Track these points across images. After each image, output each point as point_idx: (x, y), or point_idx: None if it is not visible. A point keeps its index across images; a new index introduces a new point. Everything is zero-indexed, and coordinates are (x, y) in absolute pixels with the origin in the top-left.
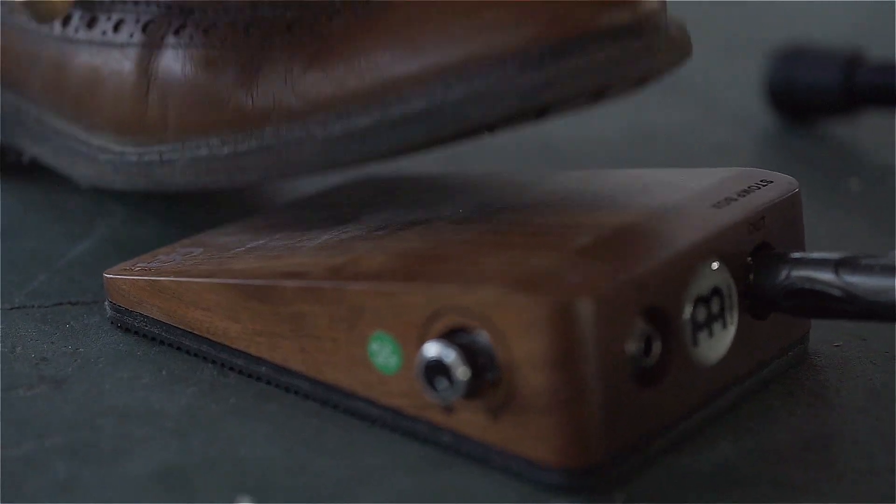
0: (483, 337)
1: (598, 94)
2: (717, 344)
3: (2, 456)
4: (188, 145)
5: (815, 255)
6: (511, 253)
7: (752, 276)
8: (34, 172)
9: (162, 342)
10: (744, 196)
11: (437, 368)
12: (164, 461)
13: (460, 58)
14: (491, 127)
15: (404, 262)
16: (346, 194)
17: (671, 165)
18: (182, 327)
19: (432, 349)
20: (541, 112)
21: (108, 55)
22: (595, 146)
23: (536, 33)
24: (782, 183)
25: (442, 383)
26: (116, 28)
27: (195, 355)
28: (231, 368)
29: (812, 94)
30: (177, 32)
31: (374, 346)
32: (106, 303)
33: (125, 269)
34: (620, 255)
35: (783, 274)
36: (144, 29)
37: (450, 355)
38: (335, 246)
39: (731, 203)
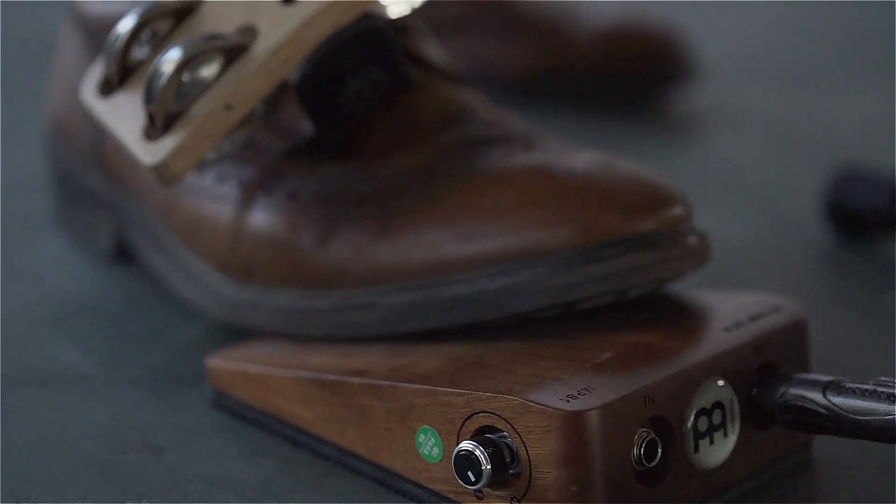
0: (508, 437)
1: (620, 294)
2: (718, 450)
3: None
4: (272, 293)
5: (809, 376)
6: (543, 364)
7: (754, 392)
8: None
9: (251, 421)
10: (753, 321)
11: (467, 461)
12: None
13: (502, 251)
14: (523, 317)
15: (452, 366)
16: None
17: (724, 272)
18: (266, 410)
19: (465, 446)
20: (568, 307)
21: (210, 203)
22: None
23: (567, 237)
24: (791, 310)
25: (471, 474)
26: (221, 180)
27: (277, 434)
28: (305, 447)
29: (864, 214)
30: (268, 194)
31: (421, 438)
32: (207, 384)
33: (224, 357)
34: (632, 371)
35: (780, 391)
36: (242, 186)
37: (477, 452)
38: (398, 348)
39: (740, 327)
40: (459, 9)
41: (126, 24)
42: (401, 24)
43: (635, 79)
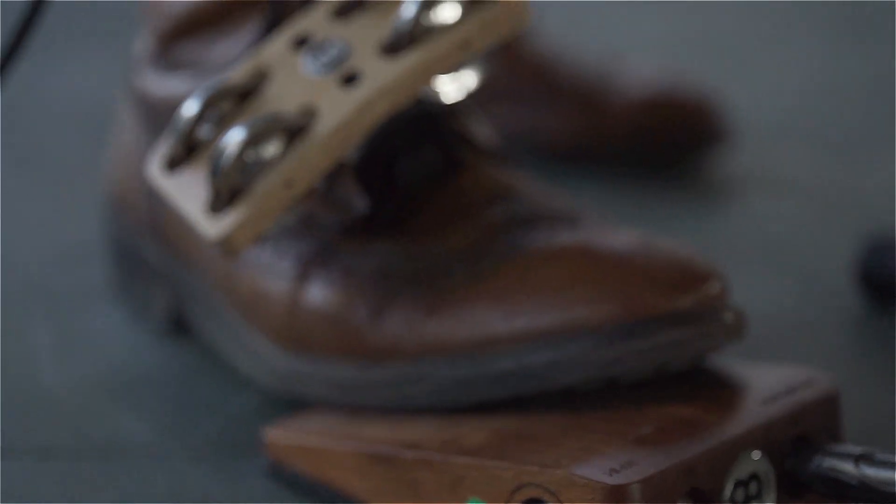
0: None
1: (660, 368)
2: None
3: None
4: (327, 365)
5: (841, 448)
6: (588, 437)
7: (788, 462)
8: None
9: (307, 491)
10: (789, 395)
11: None
12: None
13: (547, 326)
14: (568, 390)
15: (500, 439)
16: None
17: (758, 339)
18: (322, 481)
19: None
20: (610, 380)
21: (268, 277)
22: None
23: (610, 314)
24: (824, 383)
25: None
26: (279, 254)
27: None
28: None
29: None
30: (325, 269)
31: None
32: (264, 454)
33: (281, 429)
34: (673, 444)
35: (814, 462)
36: (300, 260)
37: None
38: (449, 419)
39: (776, 400)
40: (502, 77)
41: (192, 107)
42: (452, 107)
43: (672, 145)
